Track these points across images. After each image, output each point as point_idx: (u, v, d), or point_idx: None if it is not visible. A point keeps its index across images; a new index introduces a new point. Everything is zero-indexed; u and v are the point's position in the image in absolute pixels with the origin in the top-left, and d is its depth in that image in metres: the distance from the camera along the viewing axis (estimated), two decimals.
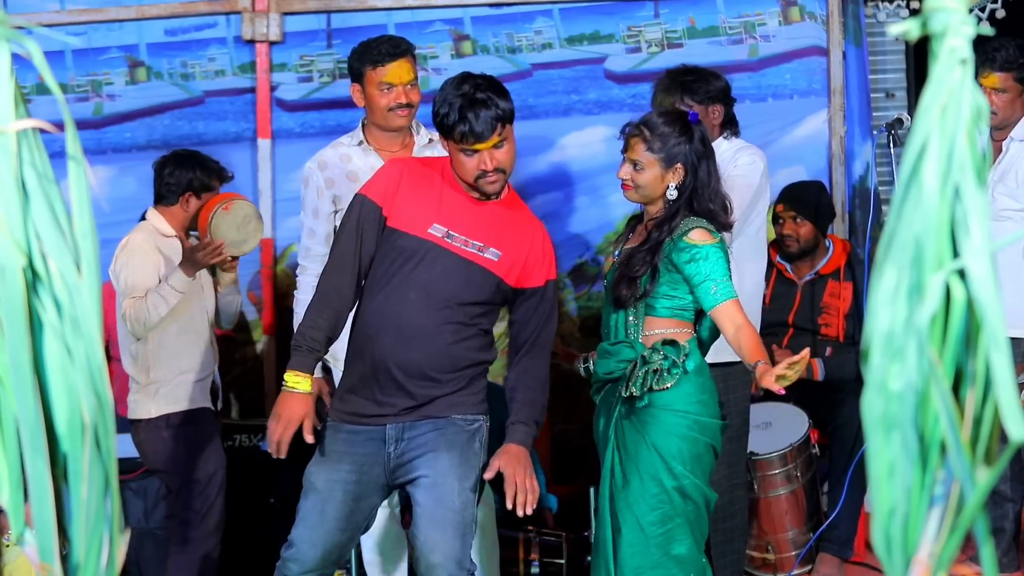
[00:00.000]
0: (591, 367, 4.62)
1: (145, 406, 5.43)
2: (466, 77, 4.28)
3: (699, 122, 4.41)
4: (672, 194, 4.35)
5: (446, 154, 5.14)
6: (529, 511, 4.21)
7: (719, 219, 4.37)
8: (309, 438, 4.15)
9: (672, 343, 4.29)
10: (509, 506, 4.20)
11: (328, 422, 4.35)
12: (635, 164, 4.37)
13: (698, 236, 4.26)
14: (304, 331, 4.23)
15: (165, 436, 5.44)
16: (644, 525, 4.27)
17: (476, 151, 4.17)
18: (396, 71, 4.93)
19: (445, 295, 4.23)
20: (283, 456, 4.14)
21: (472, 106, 4.16)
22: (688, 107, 5.02)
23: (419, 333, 4.22)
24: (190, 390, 5.46)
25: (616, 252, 4.51)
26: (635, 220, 4.56)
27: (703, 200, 4.34)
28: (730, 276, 4.24)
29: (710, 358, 4.49)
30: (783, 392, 3.94)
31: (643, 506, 4.28)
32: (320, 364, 4.89)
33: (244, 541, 5.88)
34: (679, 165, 4.34)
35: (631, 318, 4.36)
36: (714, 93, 5.20)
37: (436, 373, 4.24)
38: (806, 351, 3.89)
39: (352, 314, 4.34)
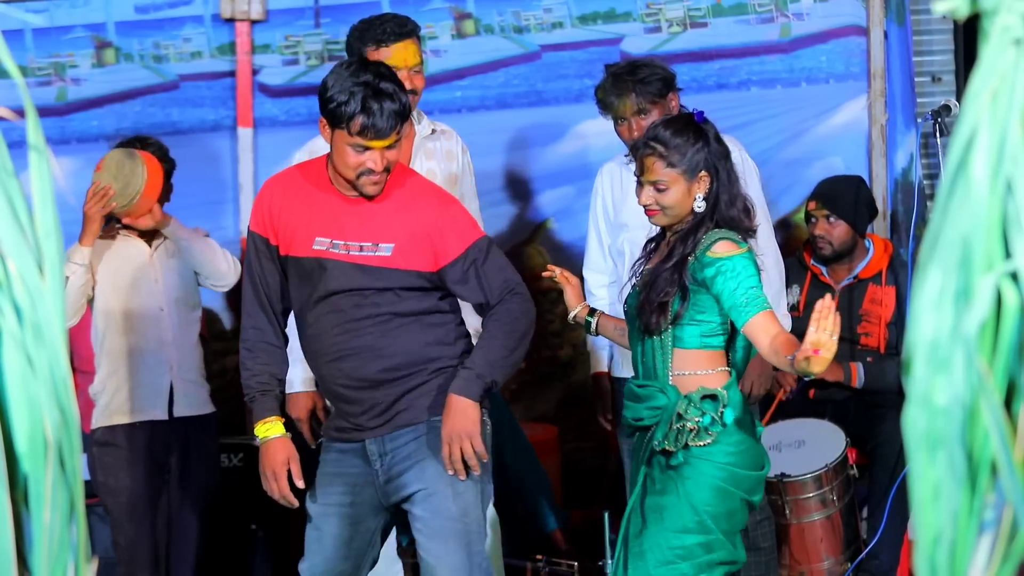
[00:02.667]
0: (591, 323, 4.62)
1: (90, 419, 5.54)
2: (365, 64, 4.31)
3: (706, 120, 4.40)
4: (700, 206, 4.33)
5: (452, 147, 5.14)
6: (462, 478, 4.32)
7: (743, 225, 4.36)
8: (300, 483, 4.33)
9: (711, 397, 4.27)
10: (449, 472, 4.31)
11: (322, 442, 4.50)
12: (657, 185, 4.34)
13: (722, 248, 4.24)
14: (247, 382, 4.41)
15: (92, 454, 5.53)
16: (659, 564, 4.26)
17: (369, 148, 4.19)
18: (401, 53, 4.93)
19: (353, 303, 4.32)
20: (296, 505, 4.39)
21: (376, 97, 4.17)
22: (649, 103, 5.14)
23: (346, 347, 4.33)
24: (117, 398, 5.52)
25: (634, 276, 4.49)
26: (652, 242, 4.54)
27: (724, 207, 4.33)
28: (760, 286, 4.23)
29: None
30: (820, 354, 3.89)
31: (658, 556, 4.27)
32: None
33: (222, 571, 5.89)
34: (703, 173, 4.32)
35: (659, 351, 4.33)
36: (669, 80, 5.24)
37: (383, 375, 4.32)
38: (827, 298, 3.88)
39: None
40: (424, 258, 4.33)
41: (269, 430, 4.36)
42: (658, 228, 4.47)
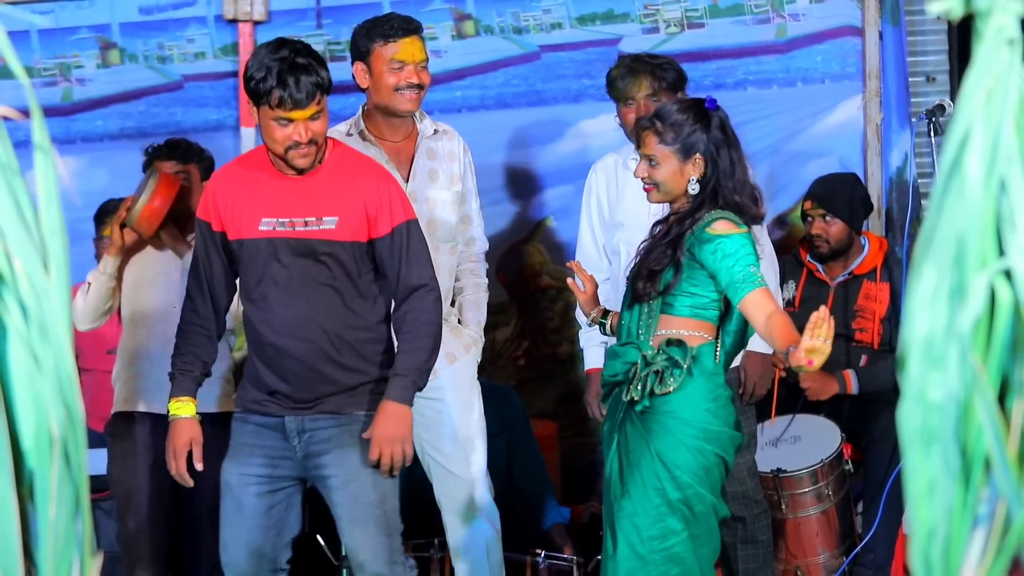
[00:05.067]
0: (605, 324, 4.63)
1: None
2: (284, 42, 4.41)
3: (718, 108, 4.40)
4: (694, 188, 4.34)
5: (453, 147, 5.13)
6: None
7: (748, 212, 4.37)
8: (199, 465, 4.50)
9: (679, 343, 4.28)
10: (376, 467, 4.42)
11: (236, 413, 4.60)
12: (650, 160, 4.37)
13: (722, 227, 4.26)
14: (174, 360, 4.55)
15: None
16: (643, 539, 4.28)
17: (291, 120, 4.29)
18: (409, 48, 4.92)
19: (301, 282, 4.41)
20: (191, 485, 4.53)
21: (292, 71, 4.28)
22: (662, 90, 5.14)
23: (293, 322, 4.42)
24: (126, 388, 5.52)
25: (638, 256, 4.50)
26: (658, 224, 4.55)
27: (728, 192, 4.33)
28: (758, 264, 4.24)
29: None
30: (814, 365, 3.90)
31: (643, 519, 4.28)
32: None
33: None
34: (697, 156, 4.33)
35: (645, 316, 4.35)
36: (683, 76, 5.25)
37: (323, 365, 4.42)
38: (823, 309, 3.87)
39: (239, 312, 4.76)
40: (364, 229, 4.43)
41: (180, 409, 4.50)
42: (661, 212, 4.49)
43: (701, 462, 4.27)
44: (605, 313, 4.67)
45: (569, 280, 4.73)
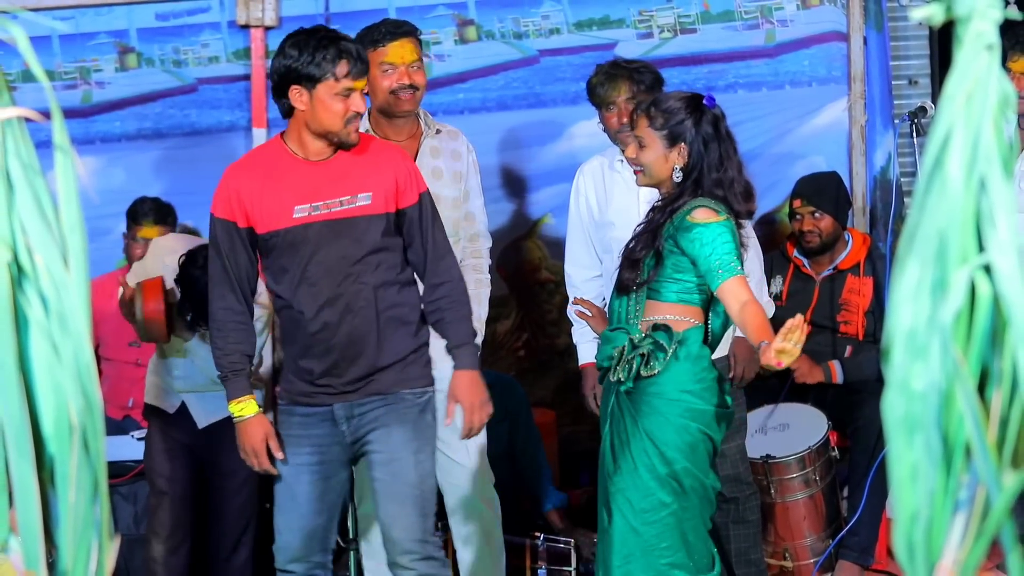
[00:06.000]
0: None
1: None
2: (313, 29, 4.39)
3: (715, 106, 4.40)
4: (677, 176, 4.34)
5: (457, 146, 5.12)
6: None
7: (734, 206, 4.36)
8: (279, 454, 4.39)
9: (665, 328, 4.28)
10: (461, 437, 4.51)
11: (280, 406, 4.55)
12: (639, 141, 4.38)
13: (701, 215, 4.26)
14: (220, 361, 4.44)
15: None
16: (636, 512, 4.29)
17: (353, 90, 4.28)
18: (398, 51, 4.92)
19: (344, 264, 4.35)
20: (277, 474, 4.44)
21: (345, 41, 4.31)
22: (641, 93, 5.11)
23: (342, 305, 4.35)
24: (149, 382, 5.54)
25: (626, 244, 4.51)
26: (652, 212, 4.55)
27: (710, 185, 4.32)
28: (736, 252, 4.23)
29: None
30: (782, 366, 3.91)
31: (634, 494, 4.29)
32: None
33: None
34: (682, 145, 4.33)
35: (633, 303, 4.36)
36: (659, 79, 5.25)
37: (371, 343, 4.38)
38: (799, 317, 3.87)
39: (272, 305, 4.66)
40: (393, 201, 4.41)
41: (244, 409, 4.39)
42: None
43: (687, 439, 4.27)
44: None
45: (578, 311, 4.75)
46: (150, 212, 6.15)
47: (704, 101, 4.39)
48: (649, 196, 4.82)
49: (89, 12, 6.75)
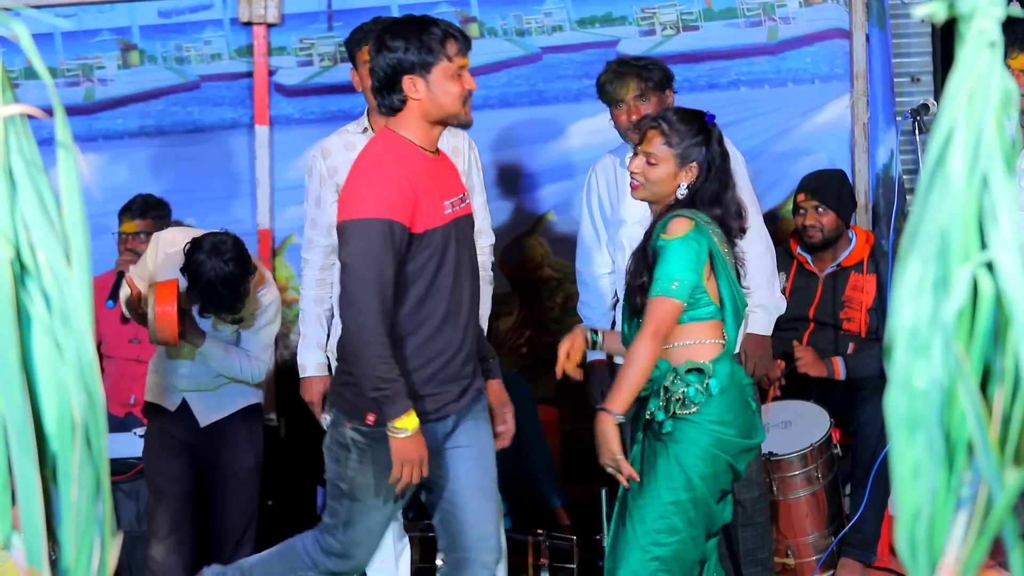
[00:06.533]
0: (599, 340, 4.62)
1: None
2: (401, 19, 4.31)
3: (715, 124, 4.40)
4: (682, 193, 4.34)
5: (459, 143, 5.11)
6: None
7: (728, 224, 4.37)
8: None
9: (697, 370, 4.27)
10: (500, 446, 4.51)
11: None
12: (649, 158, 4.36)
13: (673, 227, 4.26)
14: (392, 383, 4.10)
15: None
16: (648, 531, 4.27)
17: (463, 67, 4.20)
18: None
19: (473, 261, 4.35)
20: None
21: (442, 21, 4.21)
22: (650, 90, 5.14)
23: (472, 307, 4.34)
24: (150, 381, 5.54)
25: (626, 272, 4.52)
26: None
27: (708, 203, 4.33)
28: (674, 272, 4.20)
29: None
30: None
31: (651, 513, 4.28)
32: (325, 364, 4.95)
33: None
34: (694, 164, 4.33)
35: None
36: (668, 76, 5.25)
37: (477, 342, 4.45)
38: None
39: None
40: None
41: (408, 424, 4.15)
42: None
43: (713, 468, 4.27)
44: (595, 331, 4.67)
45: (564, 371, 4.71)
46: (135, 208, 6.15)
47: (707, 119, 4.40)
48: None
49: (92, 9, 6.75)
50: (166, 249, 5.34)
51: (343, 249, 4.13)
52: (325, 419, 4.49)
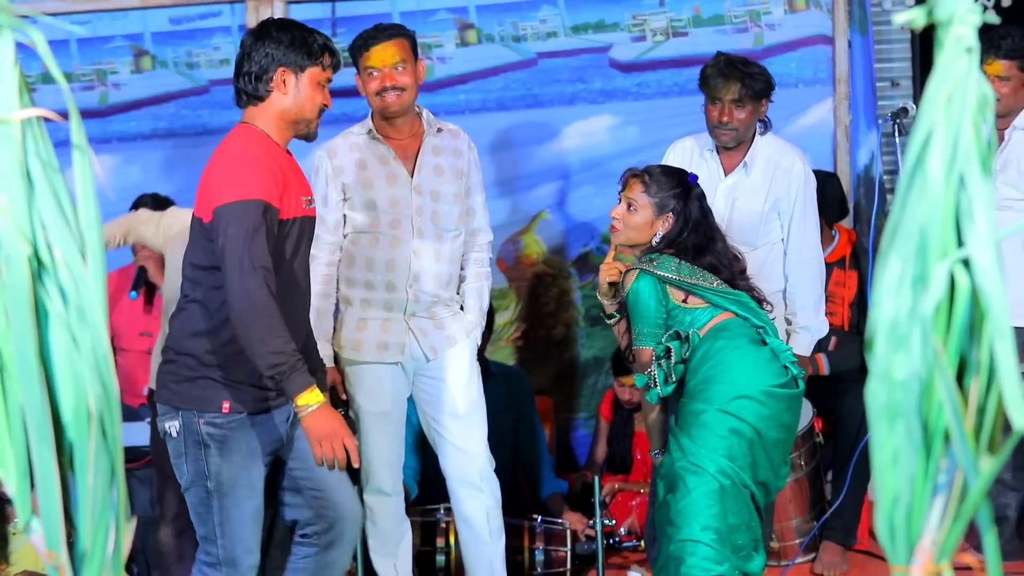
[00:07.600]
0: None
1: None
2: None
3: (697, 184, 4.53)
4: (657, 241, 4.52)
5: (459, 144, 5.11)
6: None
7: (724, 270, 4.51)
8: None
9: (676, 336, 4.38)
10: None
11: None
12: (630, 204, 4.50)
13: (625, 287, 4.50)
14: (286, 348, 4.00)
15: None
16: (668, 498, 4.34)
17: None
18: (379, 55, 4.89)
19: (308, 265, 4.32)
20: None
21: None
22: (748, 96, 5.16)
23: (305, 311, 4.38)
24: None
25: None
26: None
27: (688, 257, 4.47)
28: (637, 326, 4.44)
29: None
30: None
31: (665, 482, 4.36)
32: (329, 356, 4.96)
33: None
34: (670, 214, 4.48)
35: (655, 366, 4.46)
36: (771, 86, 5.27)
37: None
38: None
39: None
40: None
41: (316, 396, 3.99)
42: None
43: (697, 419, 4.39)
44: (621, 307, 4.69)
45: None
46: (145, 205, 6.14)
47: (689, 179, 4.58)
48: (730, 189, 5.14)
49: (105, 17, 6.75)
50: (178, 227, 5.33)
51: (222, 233, 3.95)
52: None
